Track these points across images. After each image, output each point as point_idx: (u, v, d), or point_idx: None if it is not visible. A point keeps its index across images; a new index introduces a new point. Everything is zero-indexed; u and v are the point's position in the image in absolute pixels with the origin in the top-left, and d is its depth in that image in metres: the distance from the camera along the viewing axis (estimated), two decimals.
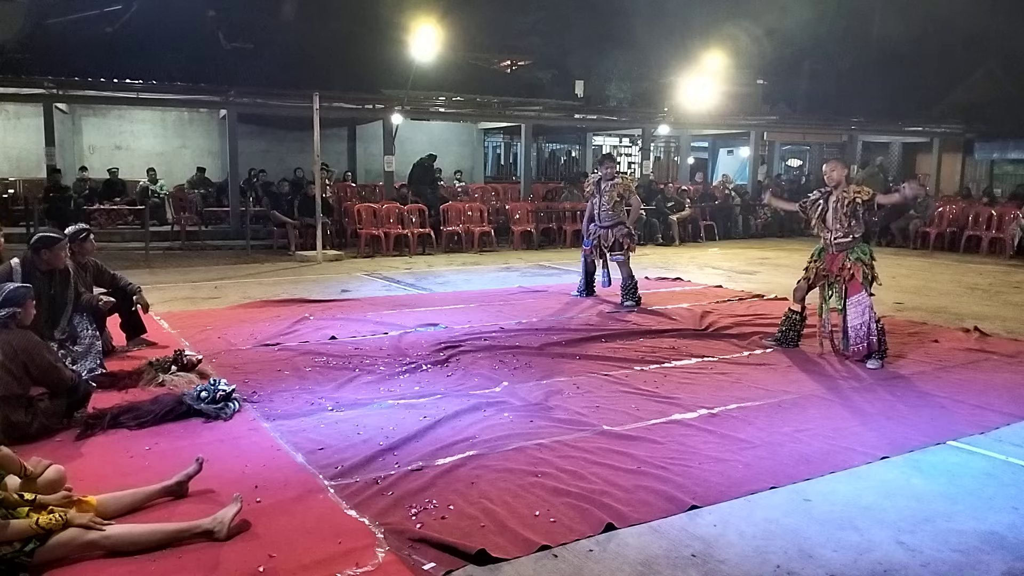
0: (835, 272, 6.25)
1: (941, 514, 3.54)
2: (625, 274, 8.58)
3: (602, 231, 8.59)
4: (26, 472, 3.23)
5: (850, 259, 6.15)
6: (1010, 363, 6.28)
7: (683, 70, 19.72)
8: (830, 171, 6.33)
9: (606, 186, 8.51)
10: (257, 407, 4.83)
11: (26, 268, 5.21)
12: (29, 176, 16.17)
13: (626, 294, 8.54)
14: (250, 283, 9.98)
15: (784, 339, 6.67)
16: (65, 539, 2.92)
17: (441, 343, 6.53)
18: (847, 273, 6.16)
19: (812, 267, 6.47)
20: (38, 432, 4.18)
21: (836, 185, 6.26)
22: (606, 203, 8.50)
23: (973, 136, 22.99)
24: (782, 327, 6.73)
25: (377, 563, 2.99)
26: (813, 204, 6.48)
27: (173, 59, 14.55)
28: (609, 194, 8.48)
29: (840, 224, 6.19)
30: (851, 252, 6.17)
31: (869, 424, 4.72)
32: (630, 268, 8.63)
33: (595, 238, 8.67)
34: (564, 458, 4.04)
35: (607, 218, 8.54)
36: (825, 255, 6.36)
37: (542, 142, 23.50)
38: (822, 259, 6.39)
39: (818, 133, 22.79)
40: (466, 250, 14.31)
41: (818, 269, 6.41)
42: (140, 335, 6.40)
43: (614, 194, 8.47)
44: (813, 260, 6.49)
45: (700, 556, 3.13)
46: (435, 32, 14.61)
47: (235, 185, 15.36)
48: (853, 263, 6.13)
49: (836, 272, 6.24)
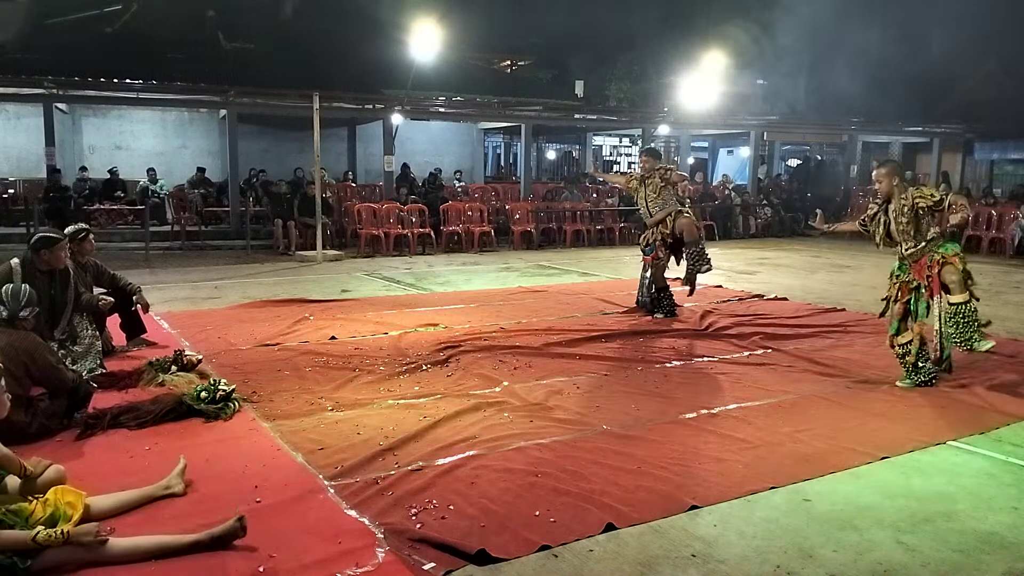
0: (924, 278, 5.51)
1: (941, 514, 3.54)
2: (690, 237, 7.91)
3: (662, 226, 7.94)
4: (26, 472, 3.23)
5: (937, 253, 5.45)
6: (1010, 363, 6.27)
7: (683, 70, 19.72)
8: (876, 182, 5.61)
9: (648, 178, 8.01)
10: (257, 407, 4.83)
11: (26, 268, 5.20)
12: (29, 176, 16.18)
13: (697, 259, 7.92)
14: (250, 283, 9.98)
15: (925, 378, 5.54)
16: (63, 556, 2.88)
17: (441, 343, 6.53)
18: (936, 268, 5.43)
19: (897, 283, 5.67)
20: (38, 432, 4.17)
21: (888, 195, 5.56)
22: (652, 193, 7.97)
23: (973, 136, 23.00)
24: (906, 365, 5.61)
25: (377, 563, 2.99)
26: (873, 219, 5.71)
27: (173, 59, 14.57)
28: (652, 183, 7.95)
29: (906, 236, 5.51)
30: (935, 250, 5.48)
31: (869, 424, 4.72)
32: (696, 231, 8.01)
33: (656, 238, 8.00)
34: (564, 458, 4.04)
35: (658, 209, 7.97)
36: (907, 267, 5.60)
37: (542, 142, 23.51)
38: (904, 271, 5.62)
39: (818, 133, 22.79)
40: (466, 250, 14.31)
41: (903, 283, 5.63)
42: (140, 335, 6.40)
43: (656, 181, 7.92)
44: (895, 276, 5.69)
45: (700, 556, 3.13)
46: (435, 32, 14.64)
47: (235, 185, 15.38)
48: (941, 256, 5.43)
49: (926, 277, 5.50)
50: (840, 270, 12.31)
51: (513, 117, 18.37)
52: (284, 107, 15.36)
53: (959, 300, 5.38)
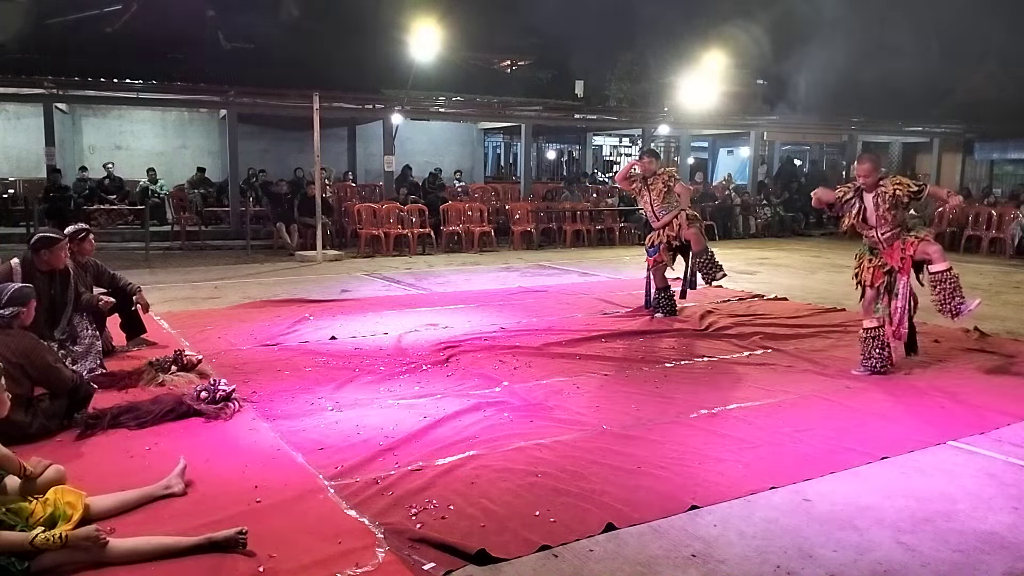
0: (898, 262, 5.75)
1: (941, 514, 3.54)
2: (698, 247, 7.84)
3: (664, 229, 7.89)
4: (26, 472, 3.22)
5: (908, 236, 5.72)
6: (1010, 363, 6.27)
7: (683, 70, 19.72)
8: (863, 174, 5.77)
9: (651, 180, 7.94)
10: (257, 407, 4.83)
11: (26, 268, 5.21)
12: (29, 176, 16.17)
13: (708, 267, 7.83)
14: (250, 283, 9.98)
15: (880, 365, 5.85)
16: (62, 558, 2.87)
17: (441, 343, 6.53)
18: (911, 250, 5.68)
19: (869, 268, 5.91)
20: (38, 432, 4.17)
21: (873, 186, 5.75)
22: (656, 197, 7.89)
23: (973, 136, 22.99)
24: (865, 351, 5.93)
25: (377, 563, 2.99)
26: (846, 203, 5.91)
27: (173, 59, 14.55)
28: (655, 187, 7.88)
29: (884, 220, 5.72)
30: (907, 235, 5.74)
31: (869, 424, 4.72)
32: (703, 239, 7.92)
33: (661, 240, 7.93)
34: (564, 458, 4.04)
35: (663, 212, 7.88)
36: (880, 252, 5.85)
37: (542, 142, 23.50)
38: (877, 255, 5.86)
39: (818, 133, 22.78)
40: (466, 250, 14.31)
41: (876, 268, 5.87)
42: (140, 335, 6.40)
43: (659, 185, 7.86)
44: (867, 260, 5.94)
45: (700, 556, 3.13)
46: (435, 32, 14.64)
47: (235, 185, 15.38)
48: (913, 237, 5.70)
49: (899, 261, 5.74)
50: (840, 270, 12.29)
51: (513, 117, 18.36)
52: (284, 107, 15.36)
53: (941, 268, 5.67)
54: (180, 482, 3.55)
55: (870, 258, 5.94)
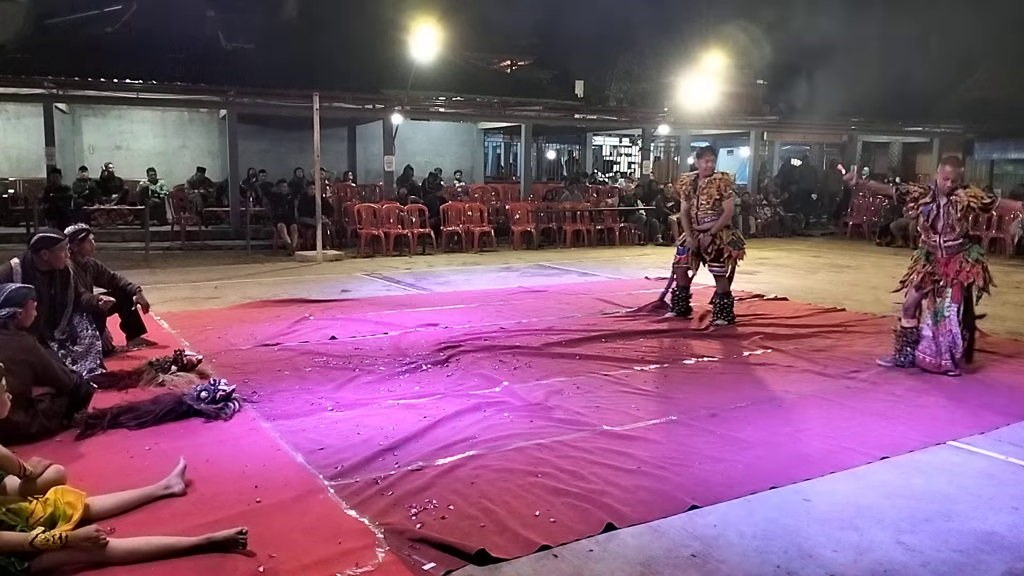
0: (951, 276, 5.75)
1: (941, 514, 3.54)
2: (722, 289, 7.62)
3: (703, 235, 7.54)
4: (26, 472, 3.22)
5: (969, 260, 5.72)
6: (1010, 363, 6.28)
7: (683, 70, 19.73)
8: (947, 177, 5.69)
9: (703, 183, 7.50)
10: (257, 407, 4.83)
11: (26, 268, 5.21)
12: (29, 176, 16.19)
13: (720, 312, 7.60)
14: (250, 283, 9.98)
15: (907, 362, 5.96)
16: (62, 558, 2.87)
17: (441, 343, 6.53)
18: (965, 276, 5.71)
19: (920, 271, 5.89)
20: (38, 432, 4.16)
21: (951, 191, 5.71)
22: (704, 202, 7.48)
23: (973, 136, 22.99)
24: (898, 346, 6.02)
25: (377, 563, 2.99)
26: (916, 203, 5.92)
27: (173, 59, 14.55)
28: (708, 192, 7.45)
29: (951, 228, 5.72)
30: (968, 253, 5.75)
31: (869, 424, 4.72)
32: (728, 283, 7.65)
33: (694, 244, 7.63)
34: (564, 458, 4.04)
35: (708, 219, 7.51)
36: (935, 259, 5.83)
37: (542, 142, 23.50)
38: (931, 263, 5.85)
39: (818, 133, 22.78)
40: (466, 250, 14.31)
41: (926, 274, 5.85)
42: (140, 335, 6.40)
43: (712, 191, 7.43)
44: (920, 264, 5.91)
45: (700, 556, 3.13)
46: (435, 32, 14.62)
47: (235, 185, 15.38)
48: (972, 265, 5.71)
49: (952, 276, 5.75)
50: (840, 270, 12.31)
51: (513, 117, 18.36)
52: (284, 107, 15.36)
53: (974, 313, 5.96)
54: (180, 482, 3.55)
55: (924, 263, 5.90)
